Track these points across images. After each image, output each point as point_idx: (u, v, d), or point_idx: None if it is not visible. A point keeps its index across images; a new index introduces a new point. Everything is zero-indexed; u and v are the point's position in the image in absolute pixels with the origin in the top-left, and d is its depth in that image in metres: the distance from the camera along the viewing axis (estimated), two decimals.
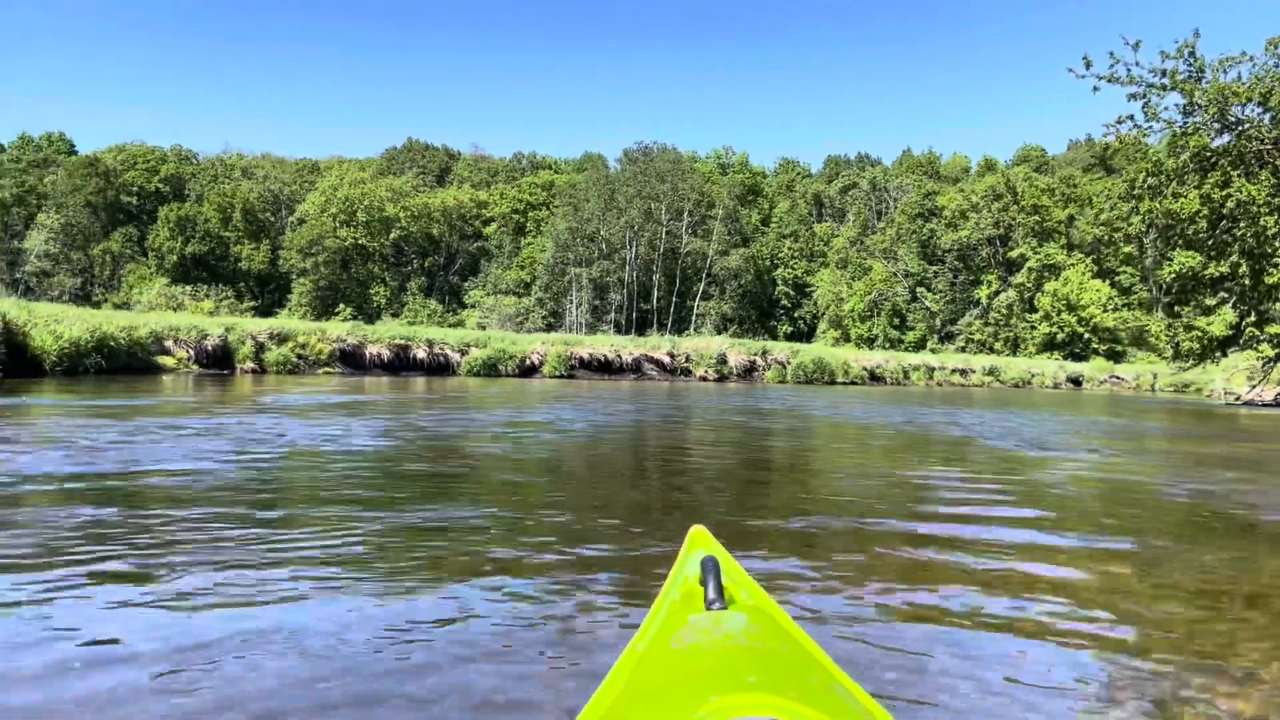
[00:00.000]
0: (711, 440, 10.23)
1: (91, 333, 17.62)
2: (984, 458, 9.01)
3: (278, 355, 24.46)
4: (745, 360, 35.76)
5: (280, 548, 3.90)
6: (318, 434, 9.01)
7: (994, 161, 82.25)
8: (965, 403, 22.26)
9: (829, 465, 8.22)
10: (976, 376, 41.32)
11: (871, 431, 11.86)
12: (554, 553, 3.93)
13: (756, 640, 1.51)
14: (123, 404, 11.98)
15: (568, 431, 10.42)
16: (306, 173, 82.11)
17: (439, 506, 5.13)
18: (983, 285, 62.13)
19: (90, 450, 6.94)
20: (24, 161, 74.16)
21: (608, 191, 66.63)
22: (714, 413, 15.16)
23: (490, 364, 29.00)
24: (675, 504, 5.59)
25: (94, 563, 3.55)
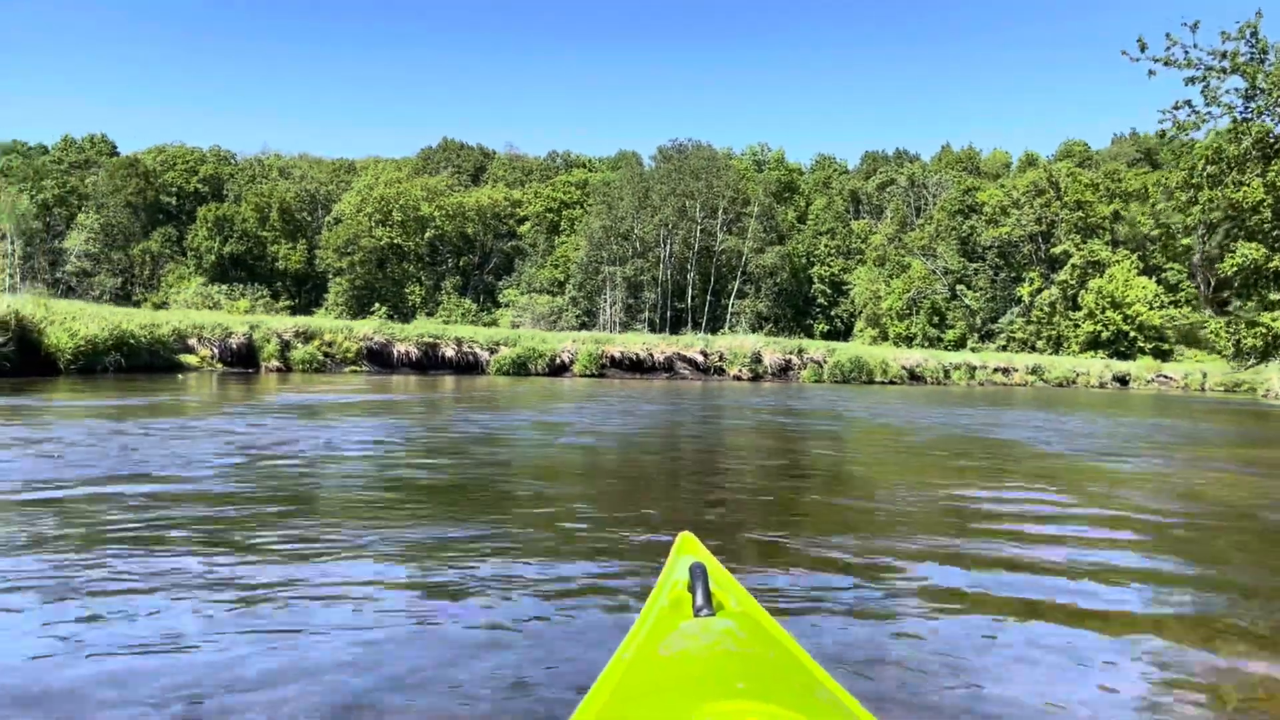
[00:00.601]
0: (745, 447, 9.65)
1: (111, 331, 17.34)
2: (1049, 468, 8.36)
3: (303, 353, 24.13)
4: (780, 359, 35.04)
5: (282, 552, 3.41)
6: (309, 437, 8.54)
7: (1035, 157, 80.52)
8: (1011, 403, 21.48)
9: (875, 477, 7.61)
10: (1019, 376, 40.27)
11: (918, 436, 11.21)
12: (573, 569, 3.69)
13: (745, 646, 1.52)
14: (118, 404, 11.63)
15: (594, 434, 9.89)
16: (343, 172, 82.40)
17: (434, 520, 4.62)
18: (1024, 283, 60.92)
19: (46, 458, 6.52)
20: (65, 163, 74.96)
21: (642, 189, 66.10)
22: (748, 413, 14.57)
23: (519, 362, 28.54)
24: (708, 524, 5.03)
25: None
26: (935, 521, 5.01)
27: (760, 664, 1.46)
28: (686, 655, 1.50)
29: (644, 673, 1.50)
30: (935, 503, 5.67)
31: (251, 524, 4.38)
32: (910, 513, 5.27)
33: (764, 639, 1.63)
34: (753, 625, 1.69)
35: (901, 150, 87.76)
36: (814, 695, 1.38)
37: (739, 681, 1.30)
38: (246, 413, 10.84)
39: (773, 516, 5.10)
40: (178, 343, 20.58)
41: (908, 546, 4.29)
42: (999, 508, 5.55)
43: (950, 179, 72.79)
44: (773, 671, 1.44)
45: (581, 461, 7.53)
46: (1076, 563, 4.10)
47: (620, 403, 15.91)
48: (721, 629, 1.59)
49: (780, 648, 1.63)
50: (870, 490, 6.27)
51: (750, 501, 5.62)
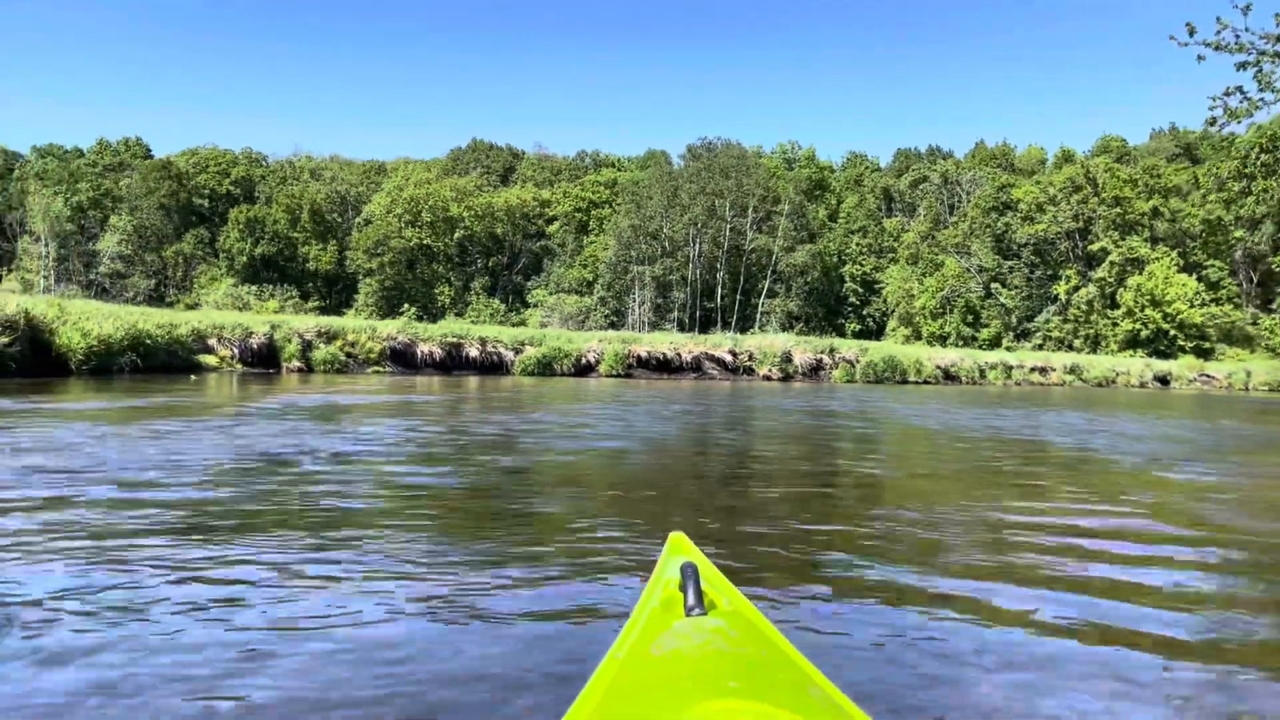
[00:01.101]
0: (775, 455, 9.17)
1: (127, 331, 17.06)
2: (1106, 478, 7.81)
3: (325, 354, 23.84)
4: (811, 359, 34.43)
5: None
6: (287, 444, 8.16)
7: (1071, 153, 79.17)
8: (1051, 404, 20.80)
9: (913, 487, 7.10)
10: (1057, 375, 39.40)
11: (958, 440, 10.67)
12: (584, 589, 3.42)
13: (737, 645, 1.53)
14: (111, 406, 11.32)
15: (615, 438, 9.45)
16: (373, 174, 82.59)
17: (432, 536, 4.20)
18: (1061, 280, 59.91)
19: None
20: (100, 166, 75.64)
21: (671, 188, 65.64)
22: (777, 415, 14.08)
23: (545, 362, 28.13)
24: (734, 539, 4.58)
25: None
26: (982, 540, 4.52)
27: (752, 663, 1.46)
28: (679, 655, 1.51)
29: (636, 672, 1.51)
30: (980, 517, 5.18)
31: (214, 537, 3.98)
32: (954, 529, 4.79)
33: (756, 638, 1.63)
34: (745, 624, 1.70)
35: (934, 147, 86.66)
36: (806, 693, 1.38)
37: (731, 680, 1.31)
38: (243, 416, 10.49)
39: (801, 530, 4.64)
40: (197, 343, 20.31)
41: (952, 564, 3.82)
42: (1049, 520, 5.06)
43: (984, 176, 71.72)
44: (765, 670, 1.45)
45: (600, 471, 7.10)
46: (1147, 585, 3.61)
47: (645, 404, 15.47)
48: (713, 628, 1.60)
49: (772, 646, 1.63)
50: (909, 501, 5.78)
51: (779, 515, 5.15)
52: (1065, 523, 5.01)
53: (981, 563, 3.94)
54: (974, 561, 3.97)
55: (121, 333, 17.15)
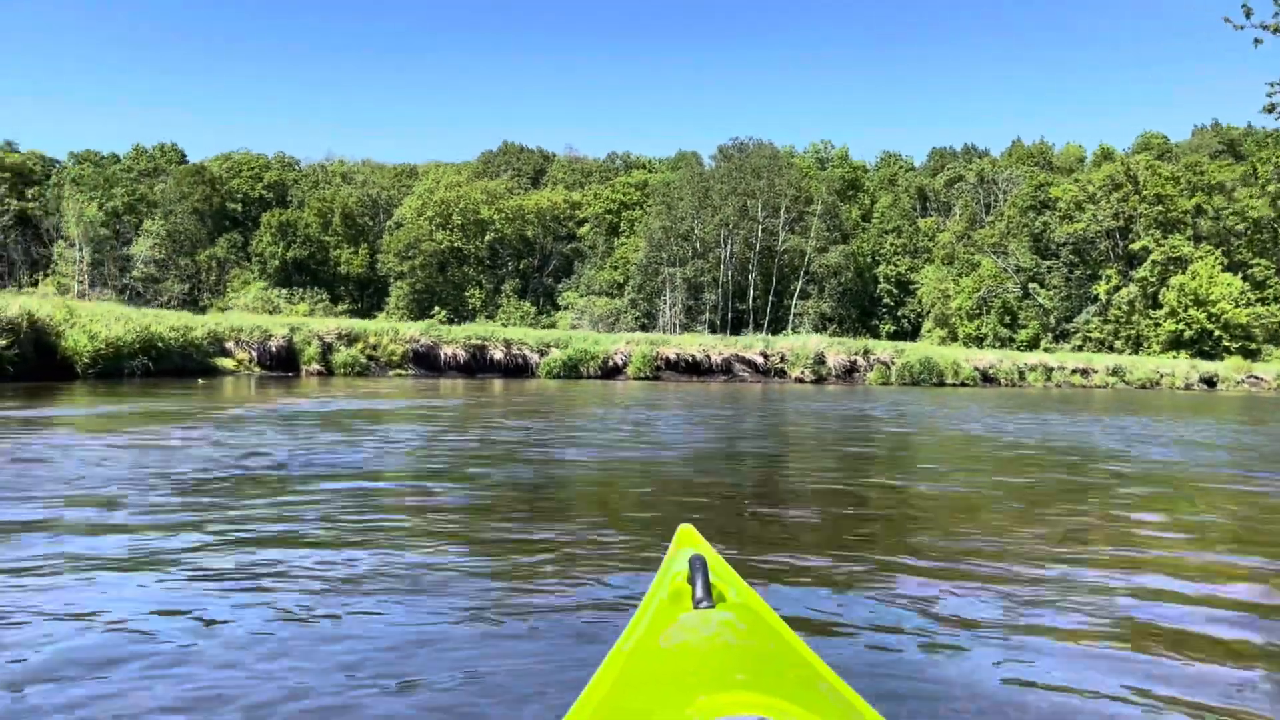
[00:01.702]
0: (807, 468, 8.60)
1: (138, 333, 16.68)
2: (1185, 491, 7.18)
3: (346, 356, 23.41)
4: (845, 360, 33.66)
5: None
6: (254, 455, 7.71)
7: (1111, 150, 77.70)
8: (1098, 408, 20.00)
9: (964, 503, 6.50)
10: (1099, 377, 38.35)
11: (1007, 448, 10.02)
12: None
13: (745, 638, 1.52)
14: (94, 413, 10.93)
15: (639, 446, 8.92)
16: (405, 177, 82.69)
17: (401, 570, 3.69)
18: (1101, 280, 58.68)
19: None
20: (135, 171, 76.29)
21: (702, 189, 65.10)
22: (809, 420, 13.47)
23: (571, 365, 27.60)
24: (768, 569, 4.05)
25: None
26: (1075, 592, 3.94)
27: (760, 656, 1.44)
28: (686, 647, 1.49)
29: (644, 664, 1.50)
30: (1070, 563, 4.58)
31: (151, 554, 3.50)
32: (1032, 566, 4.20)
33: (764, 631, 1.62)
34: (753, 617, 1.68)
35: (970, 146, 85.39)
36: (814, 687, 1.38)
37: (738, 673, 1.29)
38: (236, 421, 10.06)
39: (844, 571, 4.09)
40: (214, 346, 19.95)
41: (1054, 625, 3.25)
42: (1121, 543, 4.45)
43: (1021, 174, 70.50)
44: (773, 663, 1.42)
45: (618, 489, 6.56)
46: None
47: (671, 409, 14.92)
48: (721, 621, 1.58)
49: (780, 640, 1.62)
50: (973, 527, 5.19)
51: (813, 545, 4.60)
52: (1149, 536, 4.41)
53: (1089, 626, 3.37)
54: (1075, 625, 3.40)
55: (132, 335, 16.76)
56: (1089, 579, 3.68)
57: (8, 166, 71.14)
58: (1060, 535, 4.63)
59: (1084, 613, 3.20)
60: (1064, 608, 3.25)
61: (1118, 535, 4.68)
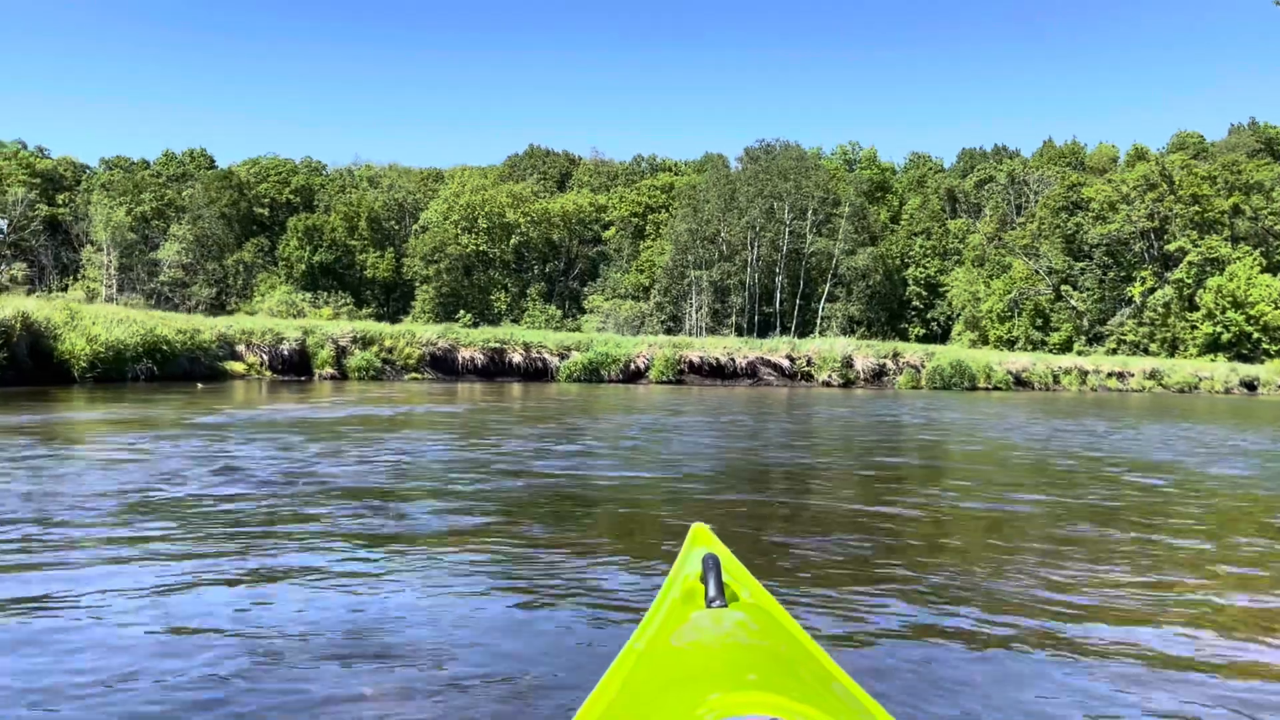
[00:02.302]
0: (844, 494, 8.10)
1: (142, 336, 16.31)
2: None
3: (360, 360, 22.96)
4: (874, 364, 32.96)
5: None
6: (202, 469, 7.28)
7: (1145, 150, 76.27)
8: (1140, 413, 19.29)
9: (1009, 525, 5.99)
10: (1135, 381, 37.41)
11: (1051, 458, 9.45)
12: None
13: (757, 638, 1.52)
14: (61, 418, 10.56)
15: (654, 462, 8.45)
16: (431, 181, 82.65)
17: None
18: (1135, 282, 57.58)
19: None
20: (164, 176, 76.74)
21: (728, 191, 64.54)
22: (838, 428, 12.94)
23: (591, 368, 27.06)
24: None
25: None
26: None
27: (772, 656, 1.45)
28: (698, 646, 1.49)
29: (656, 663, 1.49)
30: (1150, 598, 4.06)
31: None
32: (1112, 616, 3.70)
33: (776, 631, 1.62)
34: (765, 617, 1.68)
35: (1000, 146, 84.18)
36: (826, 687, 1.37)
37: (750, 673, 1.29)
38: (206, 430, 9.67)
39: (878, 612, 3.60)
40: (224, 349, 19.59)
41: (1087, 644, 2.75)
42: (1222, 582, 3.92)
43: (1053, 175, 69.38)
44: (784, 663, 1.42)
45: (633, 507, 6.09)
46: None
47: (694, 414, 14.42)
48: (734, 620, 1.58)
49: (792, 640, 1.62)
50: (1034, 559, 4.68)
51: (842, 582, 4.12)
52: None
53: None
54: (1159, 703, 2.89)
55: (136, 339, 16.43)
56: (1179, 652, 3.17)
57: (39, 172, 71.78)
58: (1139, 568, 4.10)
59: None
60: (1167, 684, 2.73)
61: (1201, 567, 4.15)
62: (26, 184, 67.19)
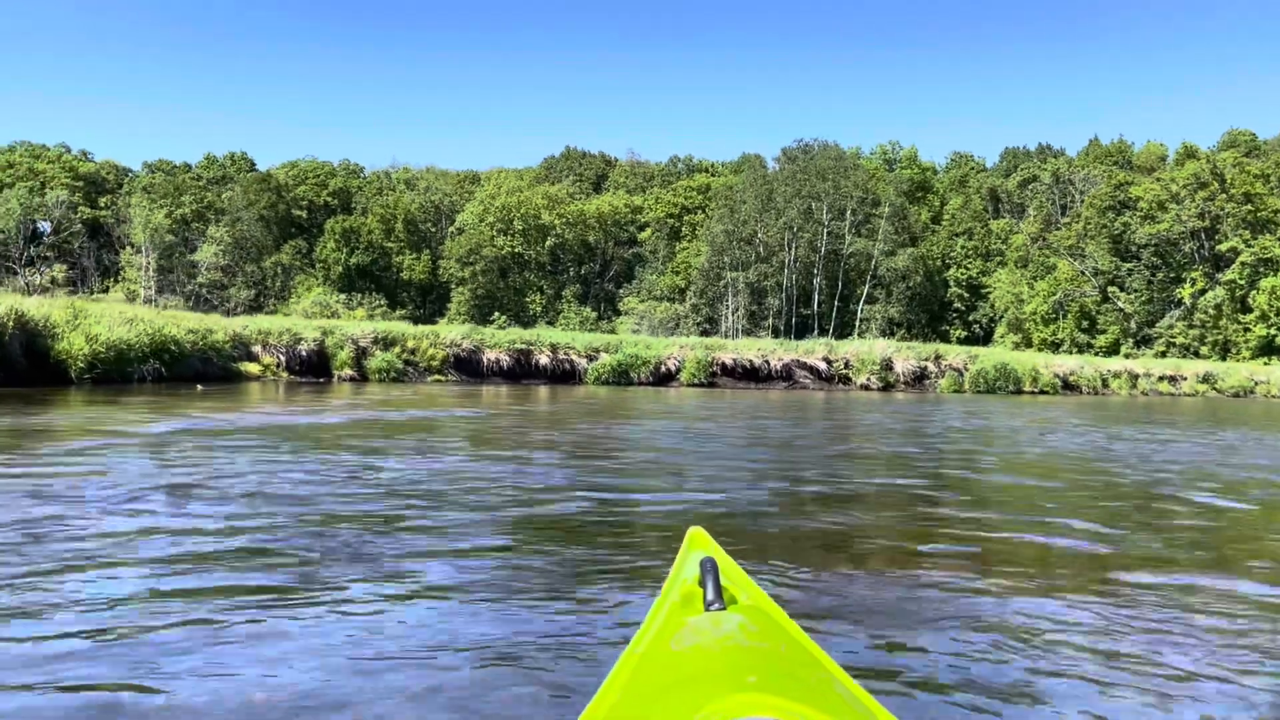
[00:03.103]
0: (878, 521, 7.41)
1: (150, 336, 15.86)
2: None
3: (381, 361, 22.44)
4: (914, 366, 32.05)
5: None
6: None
7: (1194, 148, 74.29)
8: (1208, 420, 18.32)
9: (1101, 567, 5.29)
10: (1188, 385, 36.15)
11: (1126, 475, 8.68)
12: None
13: (756, 640, 1.53)
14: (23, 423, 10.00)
15: (681, 481, 7.82)
16: (468, 183, 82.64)
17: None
18: (1185, 283, 56.07)
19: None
20: (205, 179, 77.38)
21: (765, 192, 63.73)
22: (879, 434, 12.21)
23: (620, 370, 26.38)
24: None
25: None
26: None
27: (772, 658, 1.45)
28: (698, 650, 1.50)
29: (655, 668, 1.50)
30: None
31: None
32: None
33: (776, 633, 1.62)
34: (764, 619, 1.68)
35: (1045, 145, 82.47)
36: (827, 688, 1.37)
37: (750, 675, 1.29)
38: (170, 439, 9.13)
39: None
40: (238, 350, 19.18)
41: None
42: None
43: (1100, 174, 67.76)
44: (785, 665, 1.42)
45: (647, 540, 5.47)
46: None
47: (722, 422, 13.75)
48: (733, 623, 1.59)
49: (792, 642, 1.62)
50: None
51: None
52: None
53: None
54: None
55: (143, 339, 15.99)
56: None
57: (81, 175, 72.63)
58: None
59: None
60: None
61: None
62: (69, 187, 67.97)
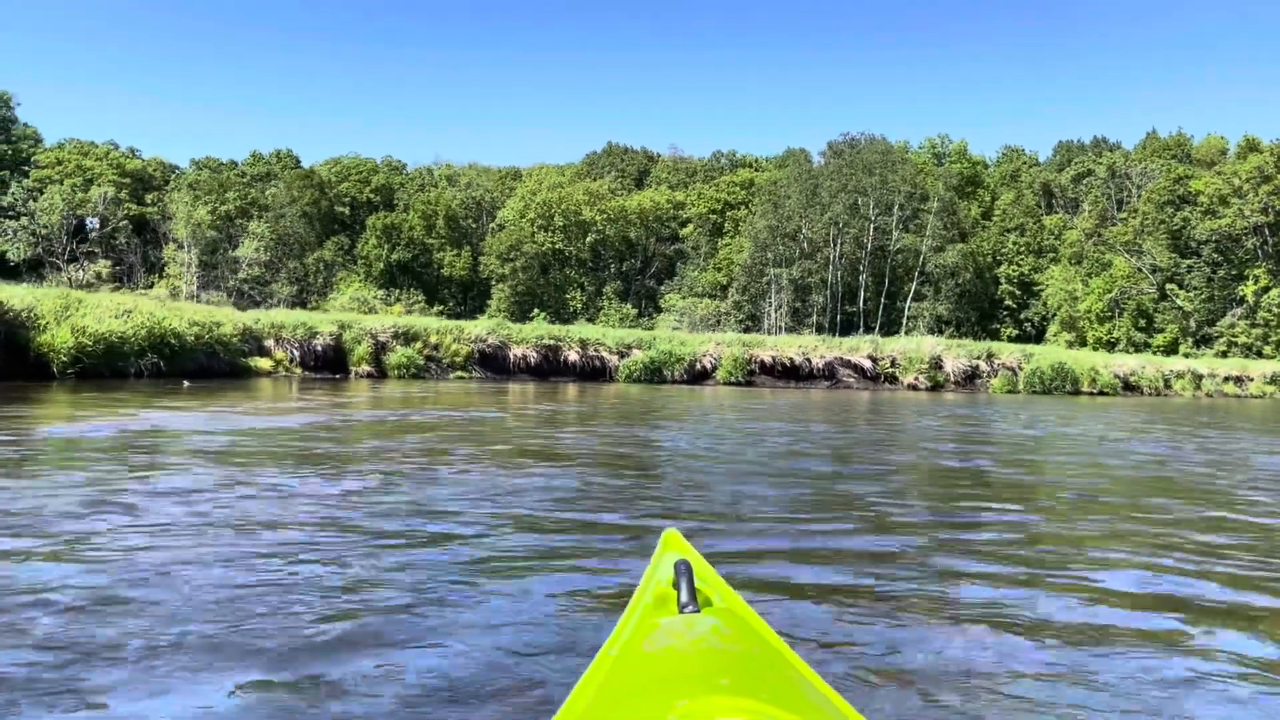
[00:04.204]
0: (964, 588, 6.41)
1: (148, 329, 15.07)
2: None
3: (401, 356, 21.48)
4: (965, 365, 30.70)
5: None
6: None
7: (1257, 141, 71.62)
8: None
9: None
10: (1255, 386, 34.41)
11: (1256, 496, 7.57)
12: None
13: (729, 643, 1.53)
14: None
15: (706, 512, 6.90)
16: (509, 179, 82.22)
17: None
18: (1248, 280, 53.94)
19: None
20: (249, 176, 77.74)
21: (810, 186, 62.42)
22: (929, 444, 11.16)
23: (653, 368, 25.35)
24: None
25: None
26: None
27: (744, 660, 1.44)
28: (671, 651, 1.49)
29: (628, 669, 1.49)
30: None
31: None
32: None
33: (749, 635, 1.62)
34: (738, 622, 1.68)
35: (1100, 138, 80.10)
36: (799, 691, 1.37)
37: (723, 678, 1.29)
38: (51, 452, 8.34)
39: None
40: (249, 344, 18.43)
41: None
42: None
43: (1157, 168, 65.55)
44: (757, 667, 1.42)
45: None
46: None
47: (752, 425, 12.75)
48: (706, 626, 1.59)
49: (765, 645, 1.62)
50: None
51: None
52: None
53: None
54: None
55: (143, 331, 15.19)
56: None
57: (128, 172, 73.17)
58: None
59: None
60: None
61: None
62: (116, 183, 68.47)
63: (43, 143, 75.40)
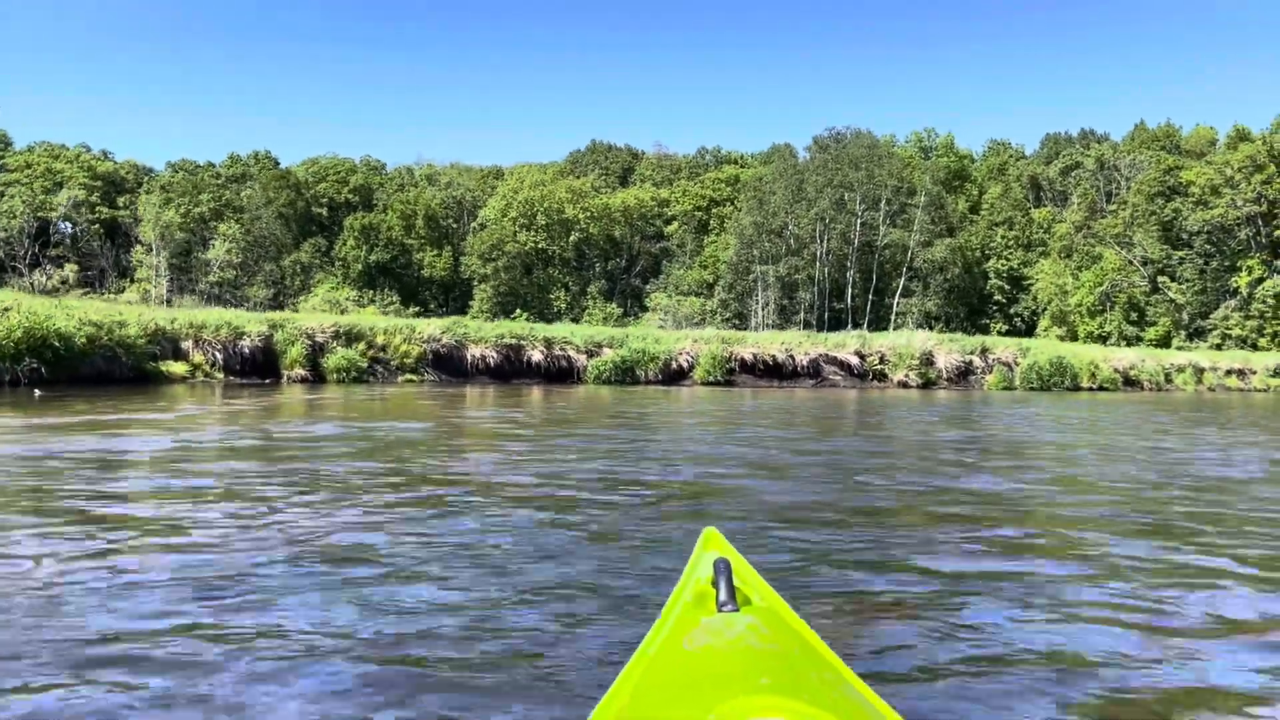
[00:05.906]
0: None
1: (25, 330, 12.92)
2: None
3: (341, 359, 19.92)
4: (958, 361, 29.53)
5: None
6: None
7: (1247, 131, 70.86)
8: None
9: None
10: (1258, 379, 33.37)
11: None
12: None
13: (768, 642, 1.52)
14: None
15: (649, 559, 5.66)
16: (491, 179, 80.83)
17: None
18: (1241, 272, 53.20)
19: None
20: (224, 178, 76.18)
21: (796, 182, 61.37)
22: (926, 453, 9.96)
23: (625, 368, 24.01)
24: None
25: None
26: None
27: (784, 659, 1.43)
28: (710, 650, 1.49)
29: (667, 668, 1.49)
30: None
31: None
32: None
33: (788, 635, 1.60)
34: (777, 621, 1.67)
35: (1087, 130, 79.25)
36: (838, 690, 1.36)
37: (763, 677, 1.29)
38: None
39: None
40: (161, 346, 16.75)
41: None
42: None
43: (1147, 159, 64.70)
44: (797, 667, 1.41)
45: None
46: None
47: (720, 433, 11.51)
48: (745, 624, 1.58)
49: (804, 644, 1.60)
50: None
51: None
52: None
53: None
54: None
55: (19, 332, 13.48)
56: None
57: (99, 175, 71.56)
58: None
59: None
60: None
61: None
62: (86, 186, 66.88)
63: (12, 145, 73.72)
